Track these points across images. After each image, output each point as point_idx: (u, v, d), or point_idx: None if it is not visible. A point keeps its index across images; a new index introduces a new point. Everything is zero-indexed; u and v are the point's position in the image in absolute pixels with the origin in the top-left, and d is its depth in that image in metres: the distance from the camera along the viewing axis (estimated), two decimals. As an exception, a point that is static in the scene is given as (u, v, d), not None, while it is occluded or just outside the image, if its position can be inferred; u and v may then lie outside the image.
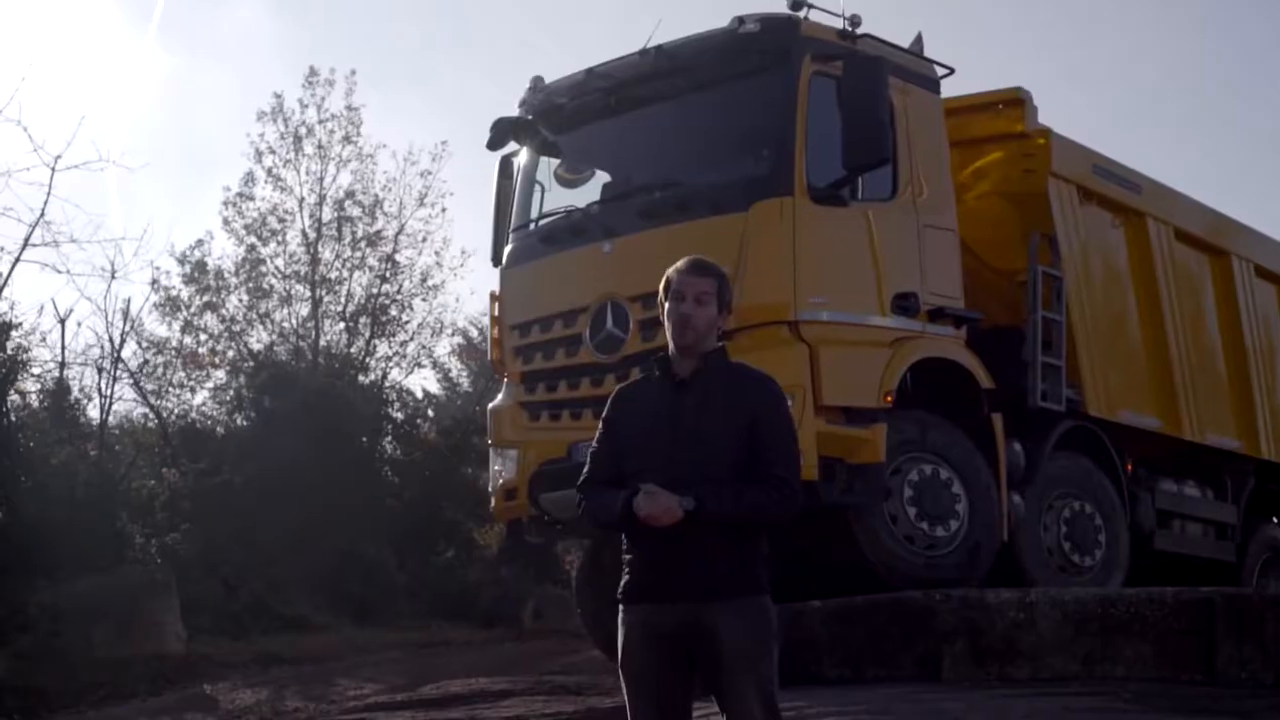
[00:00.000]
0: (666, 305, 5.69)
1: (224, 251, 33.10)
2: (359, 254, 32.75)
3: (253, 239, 31.99)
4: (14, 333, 21.41)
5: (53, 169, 23.08)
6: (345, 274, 32.63)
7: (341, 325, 32.76)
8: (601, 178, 12.30)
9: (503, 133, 12.27)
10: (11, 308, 21.87)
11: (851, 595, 10.13)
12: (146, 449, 26.13)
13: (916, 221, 11.39)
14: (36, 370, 23.14)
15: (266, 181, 32.27)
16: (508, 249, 12.26)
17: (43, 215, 23.05)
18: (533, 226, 12.18)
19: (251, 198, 32.18)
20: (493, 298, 12.44)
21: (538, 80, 12.27)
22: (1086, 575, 12.25)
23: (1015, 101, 12.69)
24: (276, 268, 32.16)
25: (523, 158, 12.51)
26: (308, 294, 32.14)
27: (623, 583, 5.65)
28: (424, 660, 17.48)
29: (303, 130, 32.58)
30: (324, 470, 24.40)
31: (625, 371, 10.78)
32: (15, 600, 16.98)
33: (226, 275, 31.83)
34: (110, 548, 20.13)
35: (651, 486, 5.38)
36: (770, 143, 10.99)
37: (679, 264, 5.72)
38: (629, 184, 11.70)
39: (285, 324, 32.15)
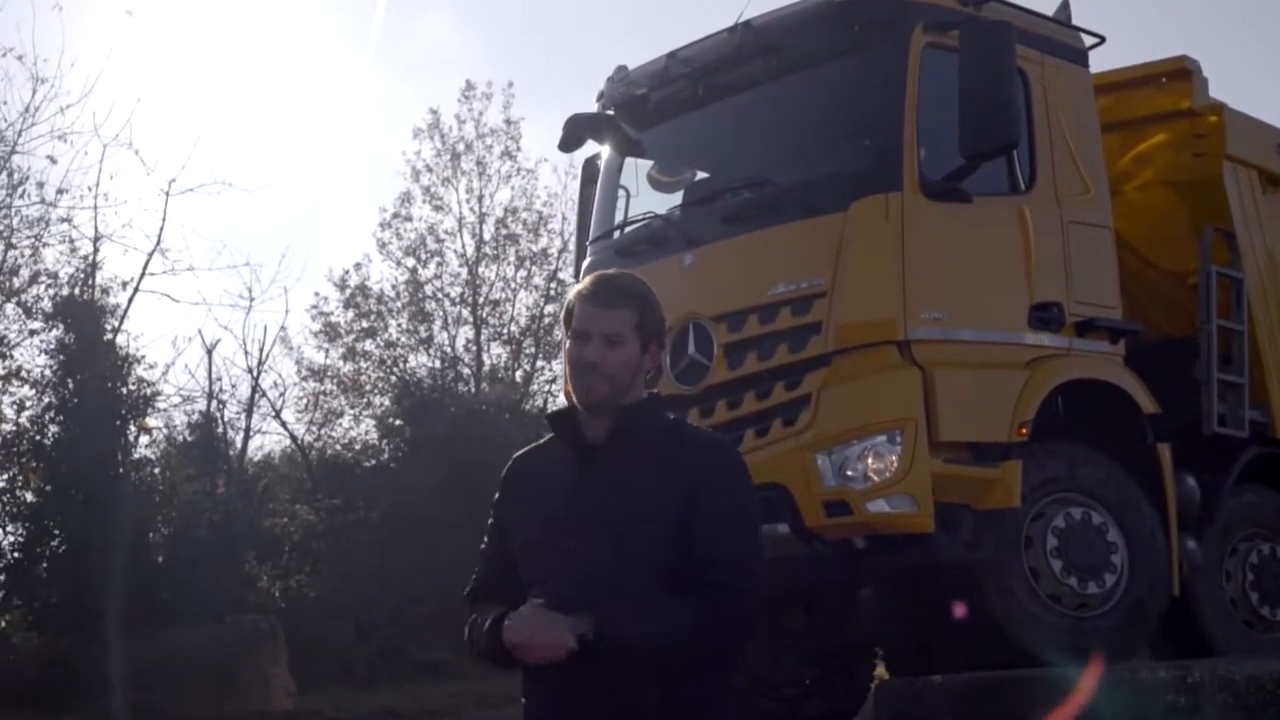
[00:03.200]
0: (567, 344, 4.08)
1: (381, 275, 32.34)
2: (524, 273, 31.79)
3: (411, 261, 31.18)
4: (136, 367, 20.55)
5: (167, 194, 22.27)
6: (509, 294, 31.70)
7: (505, 348, 31.81)
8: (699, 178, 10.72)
9: (577, 131, 10.71)
10: (130, 340, 21.04)
11: (984, 667, 8.43)
12: (289, 483, 25.12)
13: (1060, 218, 9.57)
14: (162, 405, 22.21)
15: (424, 201, 31.49)
16: (584, 264, 10.69)
17: (159, 243, 22.23)
18: (615, 236, 10.60)
19: (409, 218, 31.38)
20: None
21: (620, 70, 10.75)
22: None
23: (1181, 73, 10.90)
24: (437, 289, 31.30)
25: (604, 159, 10.96)
26: (469, 316, 31.26)
27: None
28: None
29: (460, 146, 31.74)
30: (471, 502, 23.09)
31: (710, 405, 9.23)
32: (107, 653, 15.90)
33: (387, 299, 31.06)
34: (232, 591, 19.10)
35: (534, 604, 3.82)
36: (874, 130, 9.26)
37: (582, 286, 4.11)
38: (715, 184, 10.08)
39: (446, 348, 31.26)
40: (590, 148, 11.19)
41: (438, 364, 31.01)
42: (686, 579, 3.90)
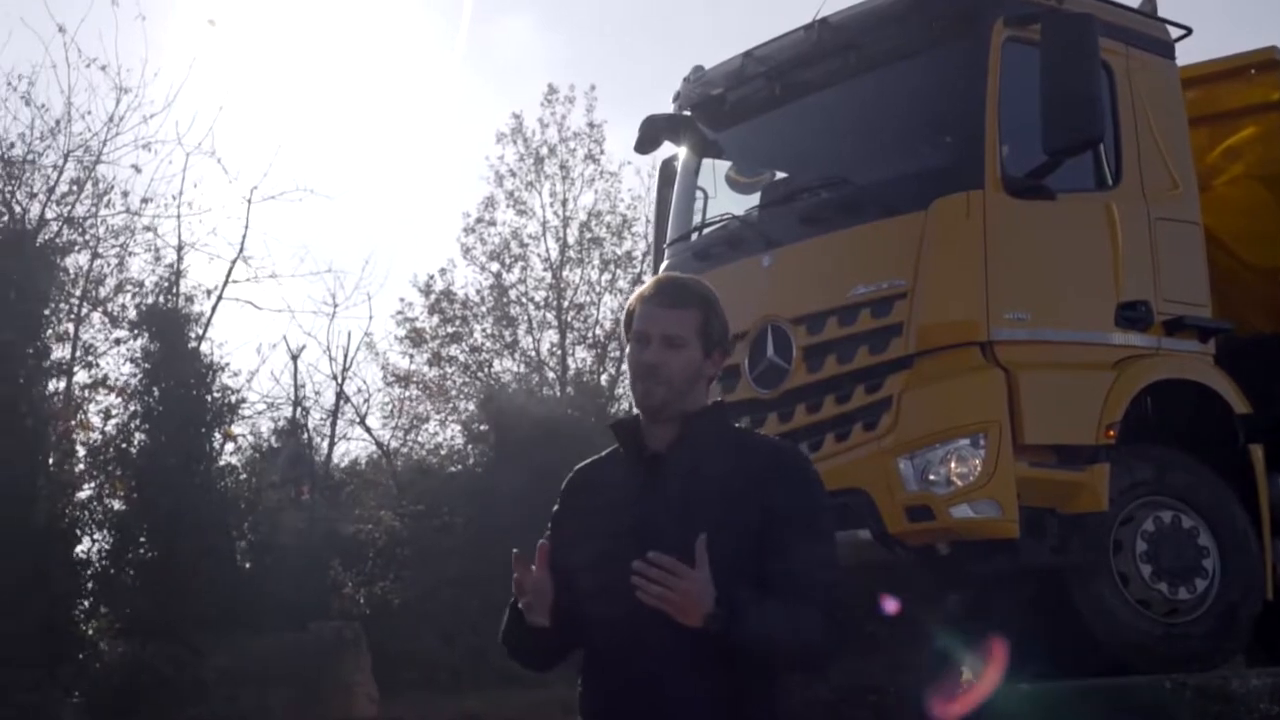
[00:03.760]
0: (628, 348, 3.95)
1: (466, 280, 32.43)
2: (608, 276, 31.76)
3: (496, 265, 31.23)
4: (221, 374, 20.65)
5: (249, 201, 22.42)
6: (594, 298, 31.70)
7: (590, 352, 31.79)
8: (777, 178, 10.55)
9: (654, 132, 10.60)
10: (214, 348, 21.14)
11: (1072, 674, 8.39)
12: (374, 489, 25.15)
13: (1147, 214, 9.33)
14: (247, 412, 22.32)
15: (508, 205, 31.53)
16: (662, 267, 10.55)
17: (242, 250, 22.37)
18: (693, 238, 10.45)
19: (493, 223, 31.43)
20: (642, 324, 10.75)
21: (697, 70, 10.62)
22: (1380, 638, 10.05)
23: (1270, 64, 10.65)
24: (521, 294, 31.34)
25: (681, 160, 10.82)
26: (554, 321, 31.28)
27: None
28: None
29: (544, 151, 31.74)
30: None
31: (789, 409, 9.07)
32: (192, 660, 15.94)
33: (472, 304, 31.14)
34: (316, 598, 19.14)
35: (662, 557, 3.63)
36: (955, 126, 9.07)
37: (644, 288, 3.98)
38: (794, 184, 9.91)
39: (531, 353, 31.29)
40: (668, 149, 11.08)
41: (523, 369, 31.07)
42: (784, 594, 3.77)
